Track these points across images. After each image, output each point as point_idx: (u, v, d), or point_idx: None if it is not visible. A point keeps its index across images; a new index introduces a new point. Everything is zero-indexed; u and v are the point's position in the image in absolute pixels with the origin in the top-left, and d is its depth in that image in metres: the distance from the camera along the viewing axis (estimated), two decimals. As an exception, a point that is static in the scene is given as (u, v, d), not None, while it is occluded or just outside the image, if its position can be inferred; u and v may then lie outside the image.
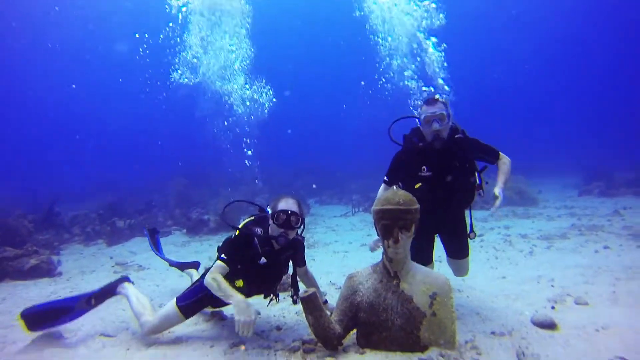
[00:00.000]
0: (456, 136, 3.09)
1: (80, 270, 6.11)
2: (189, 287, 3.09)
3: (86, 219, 10.23)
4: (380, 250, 2.95)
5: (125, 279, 3.46)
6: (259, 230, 2.85)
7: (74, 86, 33.17)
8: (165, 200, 12.67)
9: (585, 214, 8.08)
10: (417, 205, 2.42)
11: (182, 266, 4.28)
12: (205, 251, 7.21)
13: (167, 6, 9.38)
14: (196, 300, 2.91)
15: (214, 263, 3.06)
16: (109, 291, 3.34)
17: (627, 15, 28.39)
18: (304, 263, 3.18)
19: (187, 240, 8.50)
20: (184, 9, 9.28)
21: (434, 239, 3.38)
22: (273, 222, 2.79)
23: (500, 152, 3.15)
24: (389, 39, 7.08)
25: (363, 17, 7.47)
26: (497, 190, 2.94)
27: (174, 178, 13.77)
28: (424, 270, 2.55)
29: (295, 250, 3.05)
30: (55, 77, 31.84)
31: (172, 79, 10.28)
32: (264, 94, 10.31)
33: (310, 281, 3.23)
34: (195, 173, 15.92)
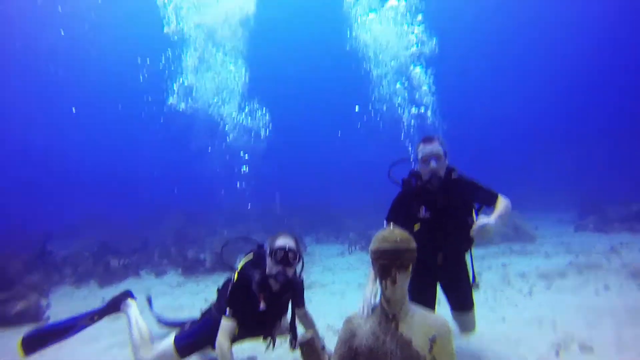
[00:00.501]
0: (453, 176, 3.11)
1: (69, 314, 5.90)
2: (190, 326, 3.04)
3: (79, 257, 10.03)
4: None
5: (129, 294, 3.47)
6: (256, 275, 2.83)
7: (74, 110, 33.18)
8: (161, 237, 12.51)
9: (583, 251, 8.06)
10: (415, 245, 2.42)
11: (178, 324, 4.14)
12: (202, 292, 7.05)
13: (165, 29, 9.43)
14: (196, 341, 2.89)
15: (213, 304, 3.04)
16: (112, 306, 3.40)
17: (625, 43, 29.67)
18: (303, 304, 3.14)
19: (182, 280, 8.31)
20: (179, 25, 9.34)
21: (436, 289, 3.23)
22: (271, 260, 2.79)
23: (499, 194, 3.08)
24: (380, 59, 7.34)
25: (356, 42, 7.78)
26: (490, 218, 2.73)
27: (170, 214, 13.67)
28: (423, 312, 2.51)
29: (295, 292, 3.03)
30: (50, 103, 31.84)
31: (170, 104, 10.27)
32: (259, 120, 10.37)
33: (309, 323, 3.18)
34: (192, 209, 15.85)
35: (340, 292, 6.45)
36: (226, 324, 2.72)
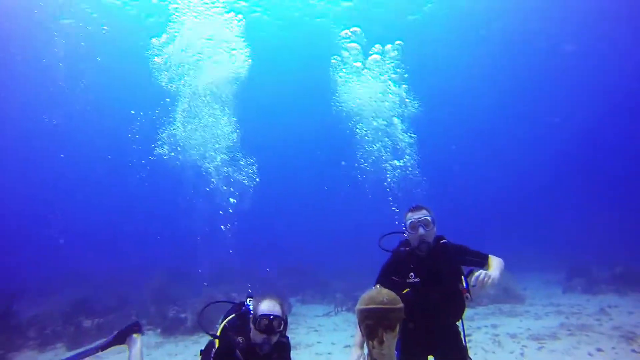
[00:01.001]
0: (441, 241, 3.14)
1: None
2: None
3: (49, 318, 9.38)
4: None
5: (138, 328, 3.38)
6: (240, 340, 2.73)
7: (62, 155, 32.67)
8: (141, 294, 11.89)
9: (573, 312, 7.99)
10: (401, 305, 2.41)
11: None
12: (181, 353, 6.68)
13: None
14: None
15: None
16: (119, 339, 3.32)
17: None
18: None
19: (160, 341, 7.84)
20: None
21: (427, 354, 3.07)
22: (254, 328, 2.70)
23: (489, 255, 3.07)
24: (364, 116, 7.71)
25: (340, 102, 8.17)
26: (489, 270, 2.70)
27: (152, 269, 13.15)
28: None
29: (281, 353, 2.90)
30: (41, 151, 31.61)
31: (156, 153, 10.09)
32: (246, 175, 10.34)
33: None
34: (175, 264, 15.32)
35: (326, 353, 6.21)
36: None
